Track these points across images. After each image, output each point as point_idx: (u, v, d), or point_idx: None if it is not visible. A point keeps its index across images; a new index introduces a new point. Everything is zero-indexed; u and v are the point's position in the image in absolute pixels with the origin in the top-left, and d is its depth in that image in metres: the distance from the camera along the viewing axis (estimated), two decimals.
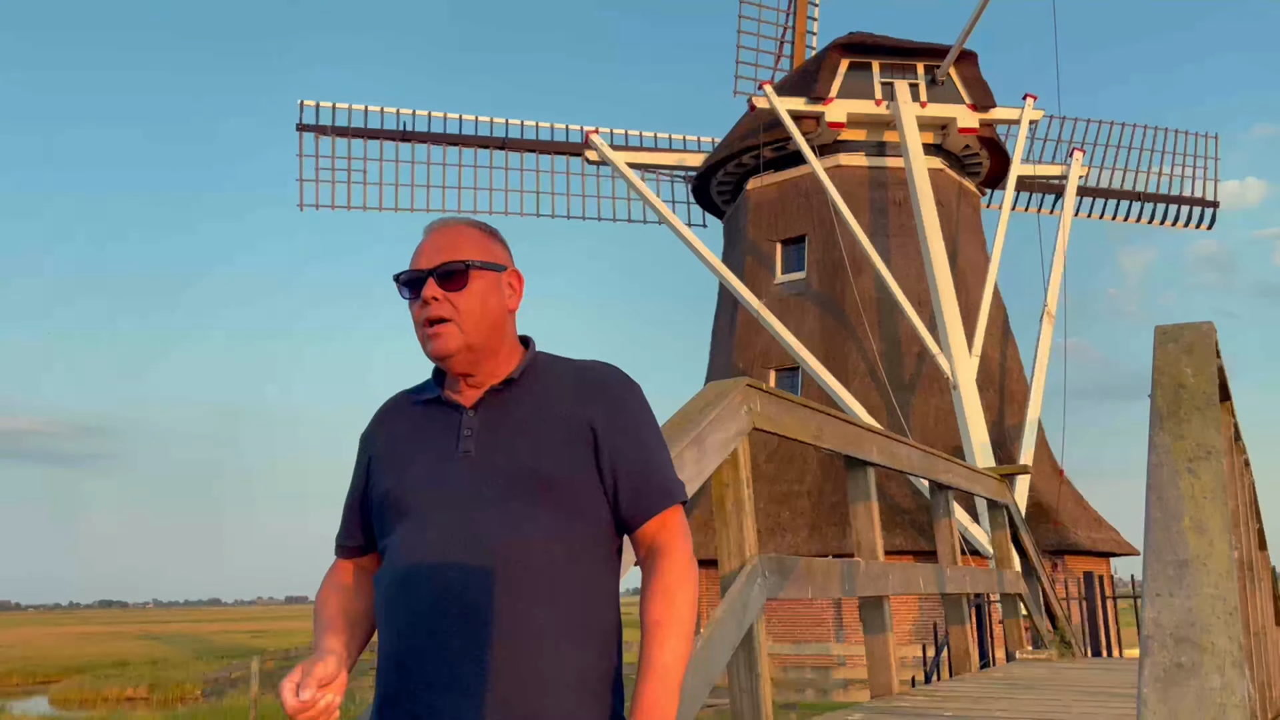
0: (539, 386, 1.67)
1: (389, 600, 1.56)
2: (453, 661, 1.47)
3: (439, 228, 1.70)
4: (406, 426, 1.69)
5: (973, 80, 25.85)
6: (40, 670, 39.82)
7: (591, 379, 1.68)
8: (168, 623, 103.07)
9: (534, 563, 1.53)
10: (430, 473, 1.60)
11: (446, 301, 1.63)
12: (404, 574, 1.54)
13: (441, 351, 1.62)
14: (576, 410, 1.63)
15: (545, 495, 1.57)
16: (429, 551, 1.53)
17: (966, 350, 21.86)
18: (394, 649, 1.53)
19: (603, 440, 1.62)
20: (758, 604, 3.92)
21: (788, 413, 4.51)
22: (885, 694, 5.30)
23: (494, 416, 1.64)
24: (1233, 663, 1.93)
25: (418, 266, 1.66)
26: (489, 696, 1.46)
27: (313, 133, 26.68)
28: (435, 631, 1.49)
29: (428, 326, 1.63)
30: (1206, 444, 2.71)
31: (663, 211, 25.78)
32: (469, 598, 1.50)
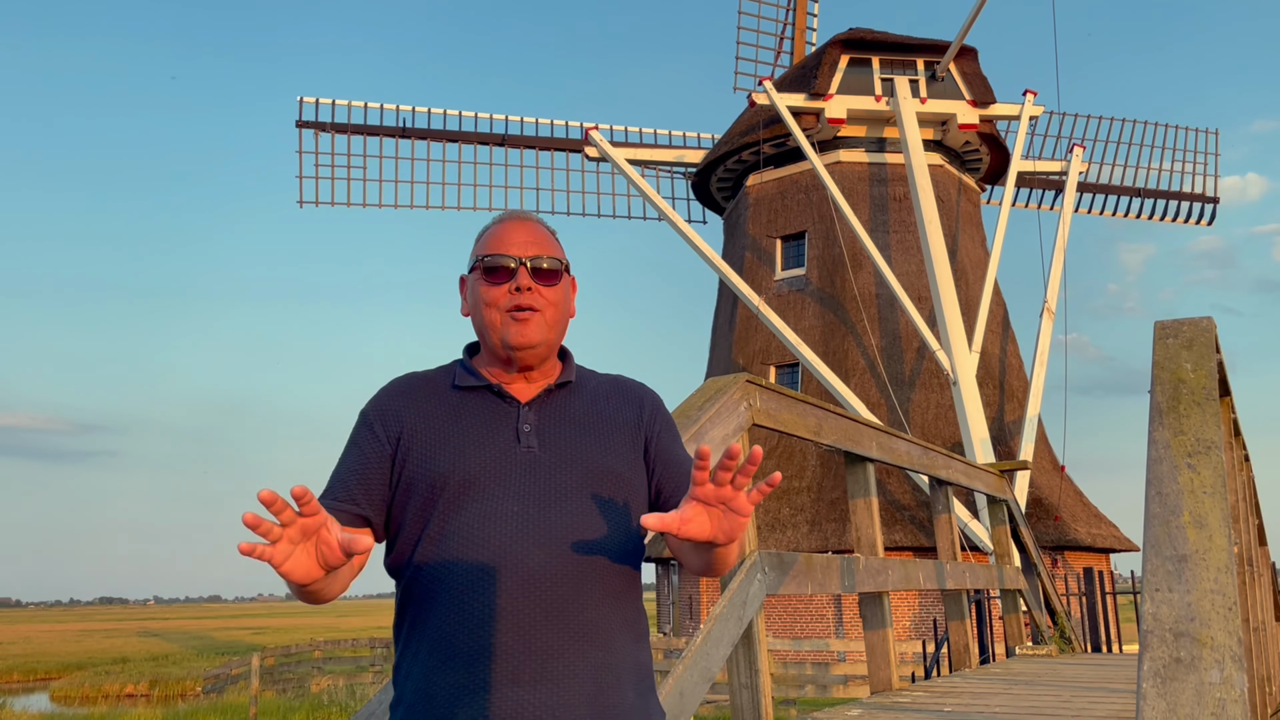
0: (586, 390, 1.72)
1: (459, 591, 1.52)
2: (538, 657, 1.48)
3: (522, 220, 1.70)
4: (446, 410, 1.64)
5: (973, 76, 25.82)
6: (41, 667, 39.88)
7: (630, 387, 1.77)
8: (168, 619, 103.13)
9: (605, 561, 1.57)
10: (493, 463, 1.58)
11: (539, 293, 1.64)
12: (478, 566, 1.52)
13: (527, 340, 1.62)
14: (625, 413, 1.71)
15: (613, 489, 1.61)
16: (508, 545, 1.52)
17: (966, 346, 21.86)
18: (472, 641, 1.50)
19: (651, 441, 1.70)
20: (757, 600, 3.93)
21: (787, 408, 4.51)
22: (885, 689, 5.31)
23: (551, 414, 1.65)
24: (1232, 657, 1.94)
25: (510, 252, 1.65)
26: (576, 691, 1.48)
27: (312, 129, 26.66)
28: (521, 626, 1.49)
29: (515, 312, 1.62)
30: (1206, 439, 2.71)
31: (663, 208, 25.77)
32: (554, 593, 1.51)
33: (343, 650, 25.76)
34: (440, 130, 27.32)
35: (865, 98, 24.91)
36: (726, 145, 26.77)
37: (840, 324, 24.01)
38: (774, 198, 26.12)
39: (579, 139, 27.68)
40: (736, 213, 27.28)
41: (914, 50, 25.67)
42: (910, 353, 23.54)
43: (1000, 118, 26.02)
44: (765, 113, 25.04)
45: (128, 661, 39.88)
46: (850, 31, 25.97)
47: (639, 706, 1.56)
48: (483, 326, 1.67)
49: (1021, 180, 27.68)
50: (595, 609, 1.53)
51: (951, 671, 7.14)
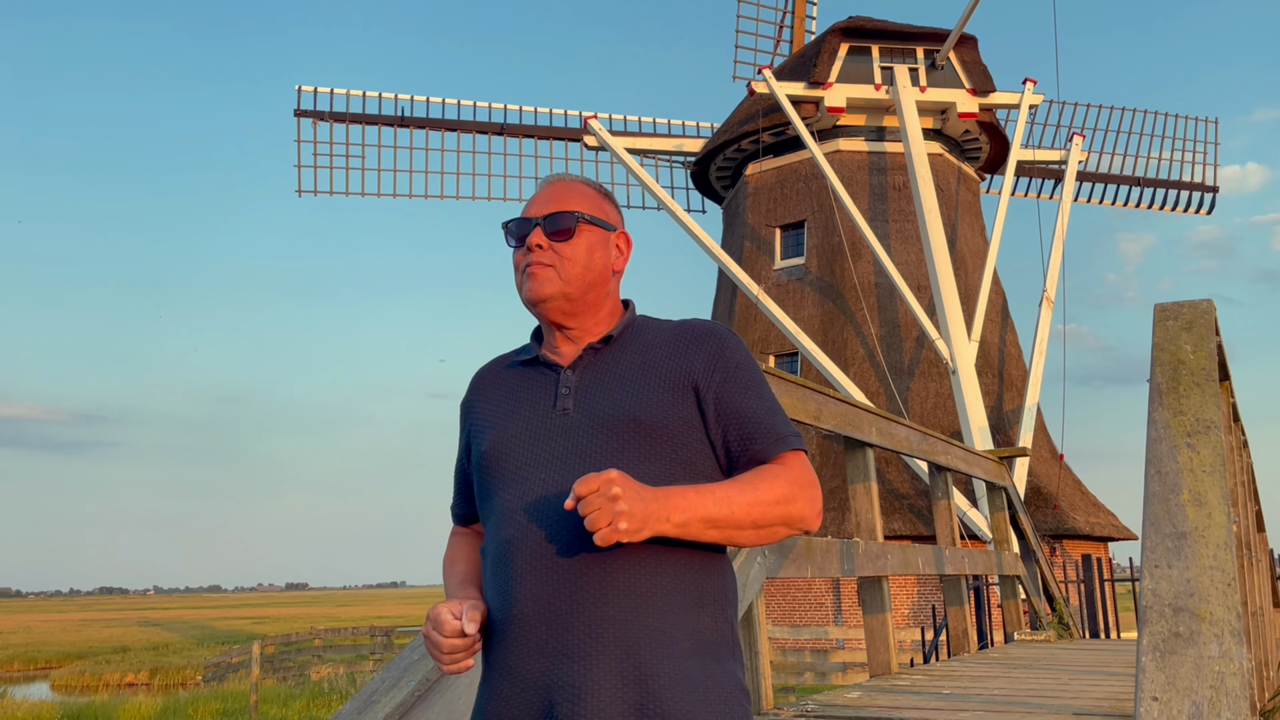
0: (638, 342, 1.64)
1: (493, 567, 1.53)
2: (560, 626, 1.44)
3: (555, 181, 1.69)
4: (503, 391, 1.67)
5: (972, 65, 25.78)
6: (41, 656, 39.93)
7: (691, 331, 1.63)
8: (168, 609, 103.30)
9: None
10: (527, 433, 1.57)
11: (550, 250, 1.62)
12: (505, 540, 1.51)
13: (537, 293, 1.60)
14: (676, 361, 1.58)
15: (647, 444, 1.51)
16: (528, 515, 1.50)
17: (965, 335, 21.87)
18: (501, 616, 1.49)
19: (705, 390, 1.57)
20: (757, 582, 3.94)
21: (786, 393, 4.51)
22: (884, 673, 5.33)
23: (593, 373, 1.60)
24: (1231, 631, 1.95)
25: (528, 215, 1.65)
26: (603, 662, 1.42)
27: (310, 118, 26.61)
28: (541, 597, 1.45)
29: (529, 270, 1.62)
30: (1205, 419, 2.72)
31: (662, 197, 25.74)
32: (573, 562, 1.45)
33: (343, 639, 25.82)
34: (439, 119, 27.27)
35: (865, 86, 24.87)
36: (726, 134, 26.73)
37: (839, 313, 24.02)
38: (773, 187, 26.09)
39: (578, 128, 27.64)
40: (736, 202, 27.25)
41: (913, 39, 25.61)
42: (909, 342, 23.55)
43: (1000, 106, 25.98)
44: (764, 101, 24.99)
45: (128, 651, 39.95)
46: (850, 20, 25.90)
47: (695, 676, 1.44)
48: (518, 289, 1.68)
49: (1021, 169, 27.66)
50: (621, 571, 1.44)
51: (950, 656, 7.17)
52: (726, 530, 1.46)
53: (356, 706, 2.53)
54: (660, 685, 1.41)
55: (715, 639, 1.49)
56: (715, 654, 1.48)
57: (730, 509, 1.46)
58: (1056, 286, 24.78)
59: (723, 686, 1.47)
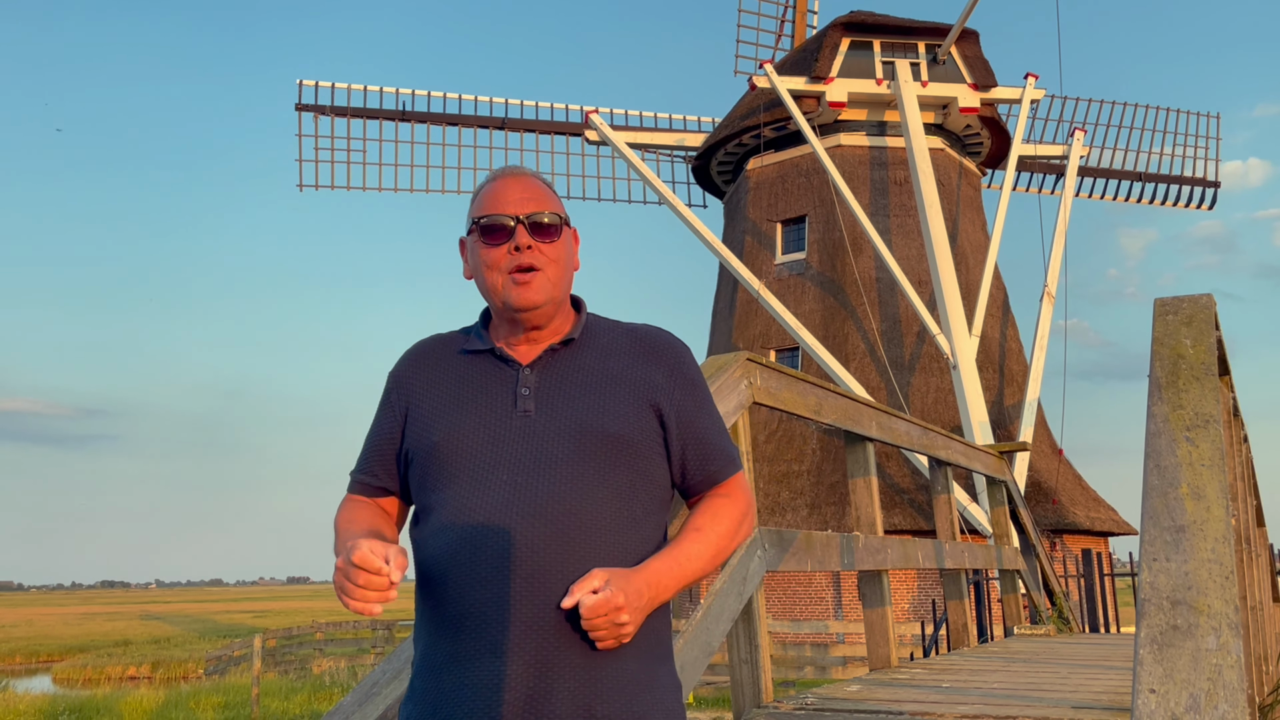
0: (596, 345, 1.63)
1: (445, 561, 1.50)
2: (519, 629, 1.43)
3: (517, 175, 1.64)
4: (451, 377, 1.62)
5: (974, 59, 25.74)
6: (43, 650, 40.05)
7: (649, 340, 1.65)
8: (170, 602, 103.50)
9: (600, 526, 1.50)
10: (486, 431, 1.54)
11: (539, 251, 1.58)
12: (463, 535, 1.49)
13: (530, 301, 1.57)
14: (637, 371, 1.60)
15: (611, 456, 1.53)
16: (491, 513, 1.48)
17: (966, 330, 21.86)
18: (455, 612, 1.47)
19: (666, 402, 1.60)
20: (757, 576, 3.95)
21: (787, 387, 4.52)
22: (884, 666, 5.34)
23: (553, 375, 1.59)
24: (1228, 624, 1.95)
25: (506, 211, 1.59)
26: (557, 665, 1.43)
27: (312, 113, 26.59)
28: (501, 597, 1.44)
29: (517, 274, 1.57)
30: (1204, 413, 2.73)
31: (663, 192, 25.73)
32: (536, 562, 1.45)
33: (344, 632, 25.86)
34: (440, 114, 27.26)
35: (866, 81, 24.83)
36: (727, 129, 26.71)
37: (840, 308, 24.02)
38: (774, 181, 26.08)
39: (579, 122, 27.61)
40: (737, 196, 27.24)
41: (915, 33, 25.57)
42: (910, 337, 23.55)
43: (1001, 101, 25.95)
44: (766, 96, 24.97)
45: (130, 644, 40.06)
46: (851, 14, 25.87)
47: (642, 676, 1.50)
48: (484, 290, 1.63)
49: (1022, 164, 27.61)
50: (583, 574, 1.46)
51: (950, 650, 7.18)
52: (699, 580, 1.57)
53: (357, 698, 2.53)
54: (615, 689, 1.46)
55: (658, 638, 1.55)
56: (660, 653, 1.55)
57: (701, 564, 1.56)
58: (1058, 281, 24.77)
59: (667, 686, 1.54)
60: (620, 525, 1.52)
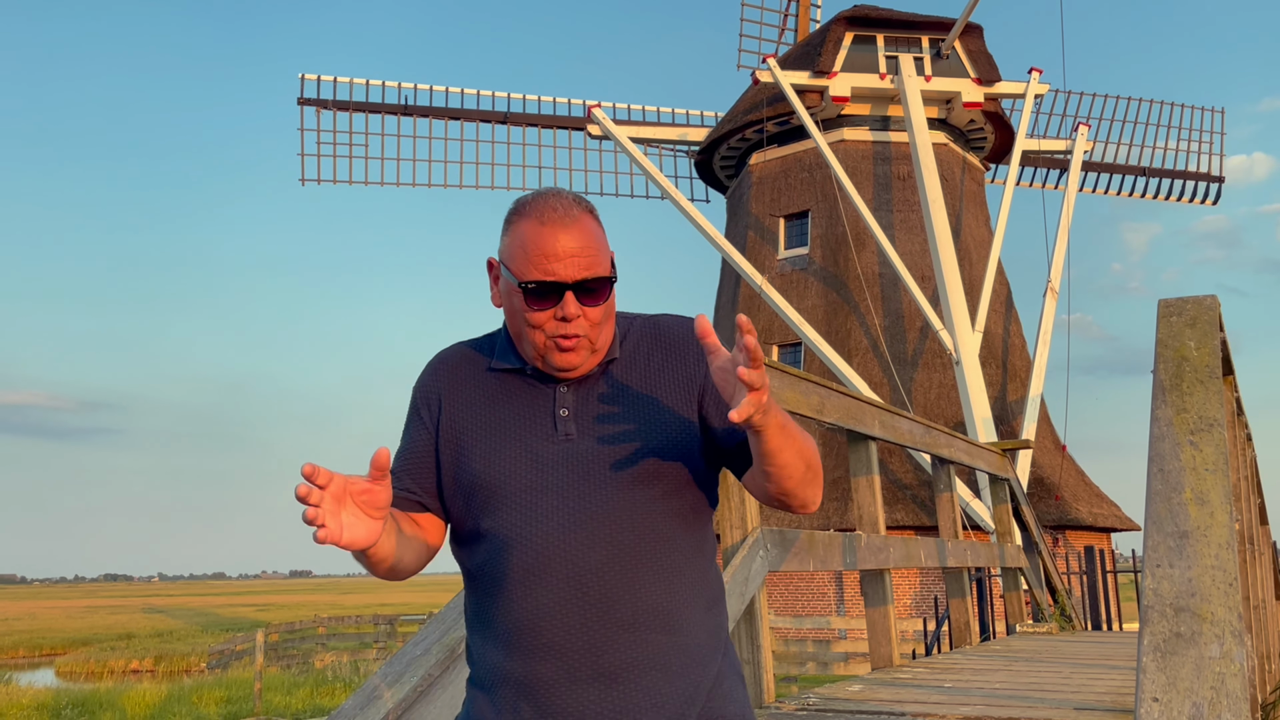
0: (625, 353, 1.60)
1: (505, 590, 1.49)
2: (594, 651, 1.44)
3: (568, 222, 1.49)
4: (483, 398, 1.58)
5: (978, 54, 25.67)
6: (46, 643, 40.13)
7: (673, 335, 1.62)
8: (172, 596, 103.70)
9: (657, 541, 1.50)
10: (529, 456, 1.52)
11: (585, 319, 1.50)
12: (523, 564, 1.48)
13: (569, 364, 1.52)
14: (669, 372, 1.58)
15: (656, 468, 1.52)
16: (547, 541, 1.47)
17: (969, 326, 21.83)
18: (523, 641, 1.47)
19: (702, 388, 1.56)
20: (760, 576, 3.94)
21: (790, 386, 4.51)
22: (886, 665, 5.34)
23: (591, 393, 1.55)
24: (1232, 632, 1.94)
25: (557, 275, 1.47)
26: (637, 684, 1.45)
27: (314, 107, 26.58)
28: (571, 624, 1.45)
29: (562, 340, 1.50)
30: (1208, 416, 2.71)
31: (665, 186, 25.69)
32: (601, 583, 1.46)
33: (346, 627, 25.93)
34: (442, 108, 27.23)
35: (869, 75, 24.78)
36: (730, 123, 26.66)
37: (843, 303, 23.99)
38: (777, 176, 26.04)
39: (581, 117, 27.58)
40: (739, 191, 27.20)
41: (919, 28, 25.51)
42: (913, 332, 23.53)
43: (1005, 96, 25.89)
44: (769, 90, 24.92)
45: (133, 638, 40.14)
46: (855, 9, 25.80)
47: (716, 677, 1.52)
48: (519, 338, 1.55)
49: (1026, 159, 27.56)
50: (650, 593, 1.47)
51: (952, 648, 7.18)
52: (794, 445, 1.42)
53: (359, 702, 2.53)
54: (695, 695, 1.48)
55: (722, 636, 1.58)
56: (725, 650, 1.58)
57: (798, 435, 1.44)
58: (1061, 276, 24.72)
59: (731, 677, 1.56)
60: (676, 531, 1.53)
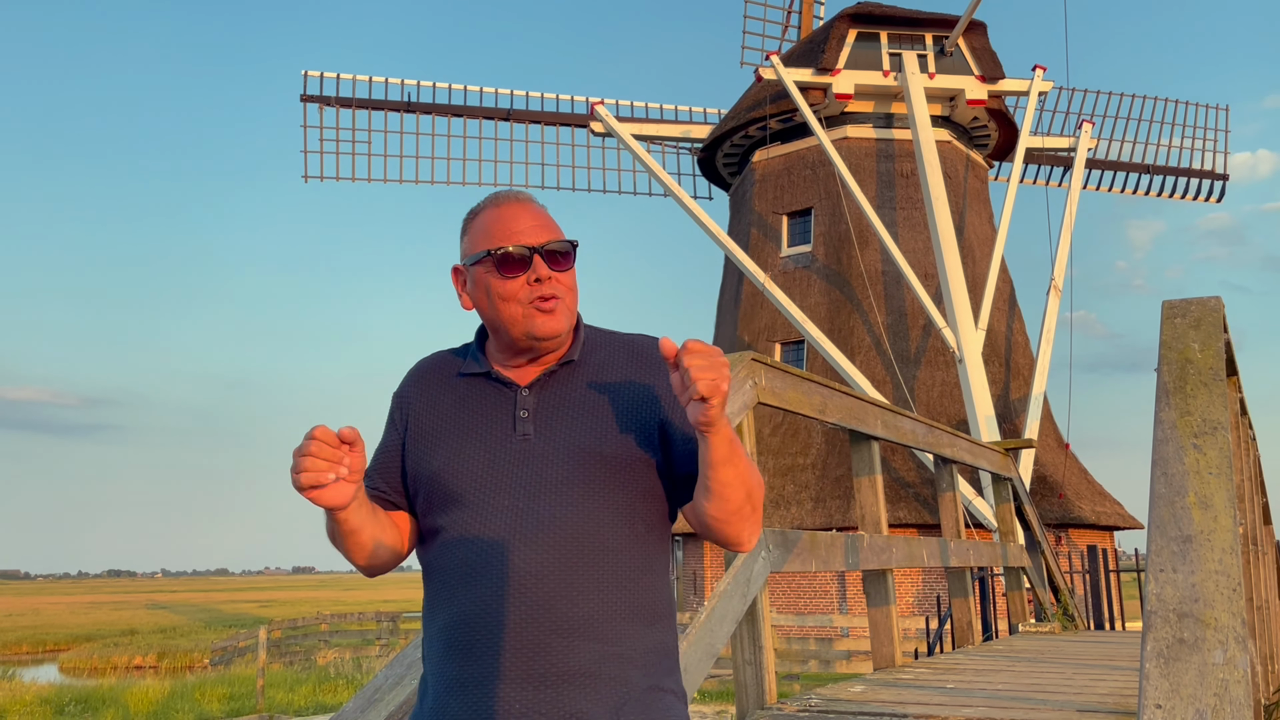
0: (592, 362, 1.62)
1: (450, 586, 1.51)
2: (526, 652, 1.44)
3: (521, 202, 1.61)
4: (450, 400, 1.62)
5: (981, 51, 25.62)
6: (49, 639, 40.23)
7: (645, 352, 1.64)
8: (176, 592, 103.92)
9: (604, 548, 1.50)
10: (486, 455, 1.54)
11: (557, 280, 1.57)
12: (466, 560, 1.50)
13: (555, 329, 1.56)
14: (635, 386, 1.60)
15: (610, 476, 1.53)
16: (493, 539, 1.49)
17: (972, 324, 21.81)
18: (460, 638, 1.48)
19: (665, 411, 1.58)
20: (761, 577, 3.94)
21: (792, 387, 4.50)
22: (888, 665, 5.33)
23: (551, 396, 1.58)
24: (1235, 638, 1.94)
25: (520, 241, 1.57)
26: (569, 687, 1.44)
27: (317, 104, 26.58)
28: (506, 622, 1.45)
29: (541, 303, 1.55)
30: (1212, 419, 2.70)
31: (668, 184, 25.68)
32: (540, 587, 1.46)
33: (349, 623, 25.96)
34: (445, 105, 27.23)
35: (873, 73, 24.74)
36: (733, 121, 26.64)
37: (846, 301, 23.97)
38: (780, 174, 26.01)
39: (585, 114, 27.56)
40: (742, 189, 27.18)
41: (922, 25, 25.47)
42: (916, 330, 23.50)
43: (1009, 93, 25.84)
44: (772, 88, 24.89)
45: (136, 634, 40.23)
46: (858, 6, 25.77)
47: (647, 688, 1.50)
48: (499, 321, 1.59)
49: (1030, 156, 27.52)
50: (590, 600, 1.48)
51: (955, 648, 7.17)
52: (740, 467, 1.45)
53: (359, 704, 2.53)
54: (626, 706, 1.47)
55: (664, 651, 1.56)
56: (667, 666, 1.56)
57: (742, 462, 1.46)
58: (1064, 274, 24.69)
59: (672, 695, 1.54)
60: (623, 545, 1.52)
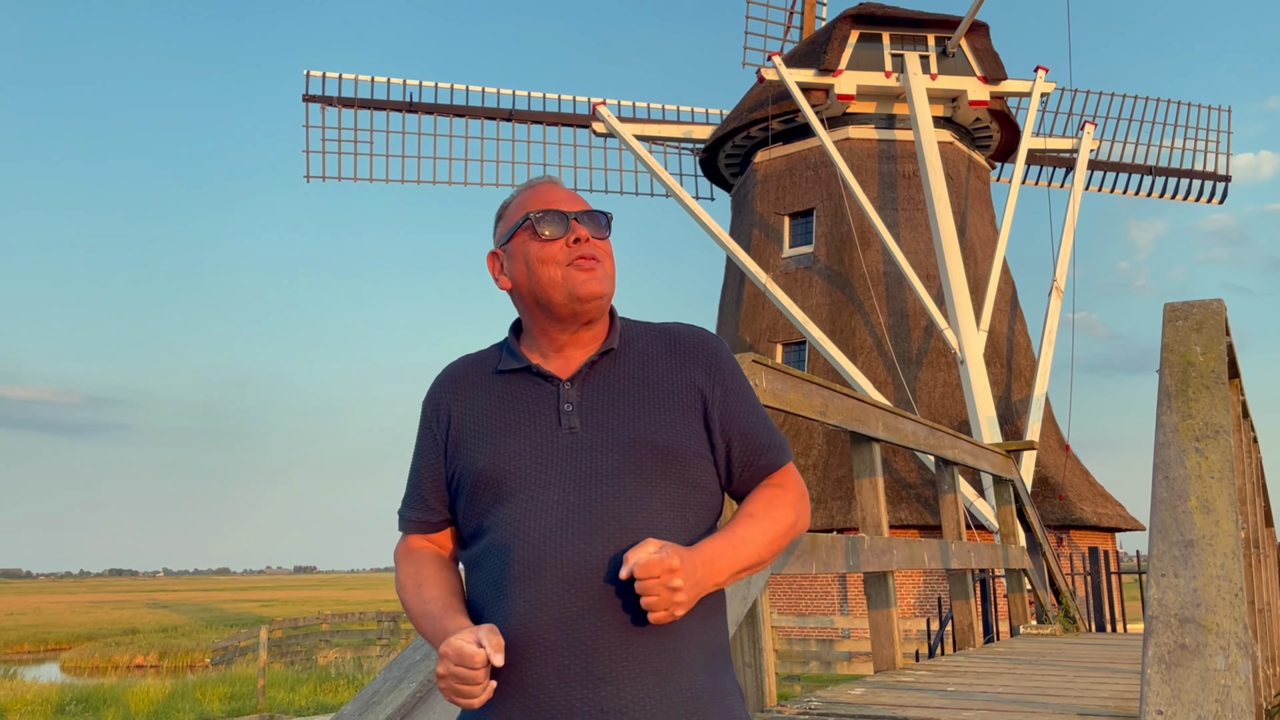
0: (632, 353, 1.61)
1: (501, 585, 1.47)
2: (586, 650, 1.41)
3: (556, 182, 1.66)
4: (489, 400, 1.60)
5: (984, 52, 25.61)
6: (51, 638, 40.25)
7: (684, 341, 1.63)
8: (177, 591, 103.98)
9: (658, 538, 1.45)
10: (533, 450, 1.52)
11: (595, 244, 1.59)
12: (519, 558, 1.45)
13: (596, 290, 1.56)
14: (677, 375, 1.58)
15: (661, 467, 1.51)
16: (546, 534, 1.45)
17: (974, 325, 21.79)
18: (520, 637, 1.43)
19: (710, 403, 1.58)
20: (762, 579, 3.93)
21: (793, 388, 4.49)
22: (889, 668, 5.32)
23: (595, 387, 1.57)
24: (1237, 644, 1.93)
25: (561, 206, 1.59)
26: (628, 685, 1.41)
27: (319, 104, 26.58)
28: (564, 619, 1.41)
29: (580, 260, 1.56)
30: (1214, 423, 2.69)
31: (670, 184, 25.67)
32: (597, 582, 1.42)
33: (350, 623, 25.96)
34: (448, 105, 27.22)
35: (875, 74, 24.73)
36: (735, 121, 26.63)
37: (848, 302, 23.95)
38: (782, 174, 26.00)
39: (586, 114, 27.55)
40: (744, 189, 27.17)
41: (925, 26, 25.46)
42: (918, 331, 23.49)
43: (1011, 94, 25.82)
44: (774, 88, 24.88)
45: (137, 633, 40.25)
46: (861, 6, 25.76)
47: (711, 687, 1.48)
48: (538, 288, 1.58)
49: (1032, 158, 27.49)
50: None
51: (955, 650, 7.16)
52: (754, 569, 1.52)
53: (358, 707, 2.52)
54: (687, 703, 1.44)
55: (719, 647, 1.55)
56: (722, 662, 1.54)
57: (755, 550, 1.52)
58: (1066, 275, 24.66)
59: (734, 694, 1.53)
60: (675, 536, 1.49)
